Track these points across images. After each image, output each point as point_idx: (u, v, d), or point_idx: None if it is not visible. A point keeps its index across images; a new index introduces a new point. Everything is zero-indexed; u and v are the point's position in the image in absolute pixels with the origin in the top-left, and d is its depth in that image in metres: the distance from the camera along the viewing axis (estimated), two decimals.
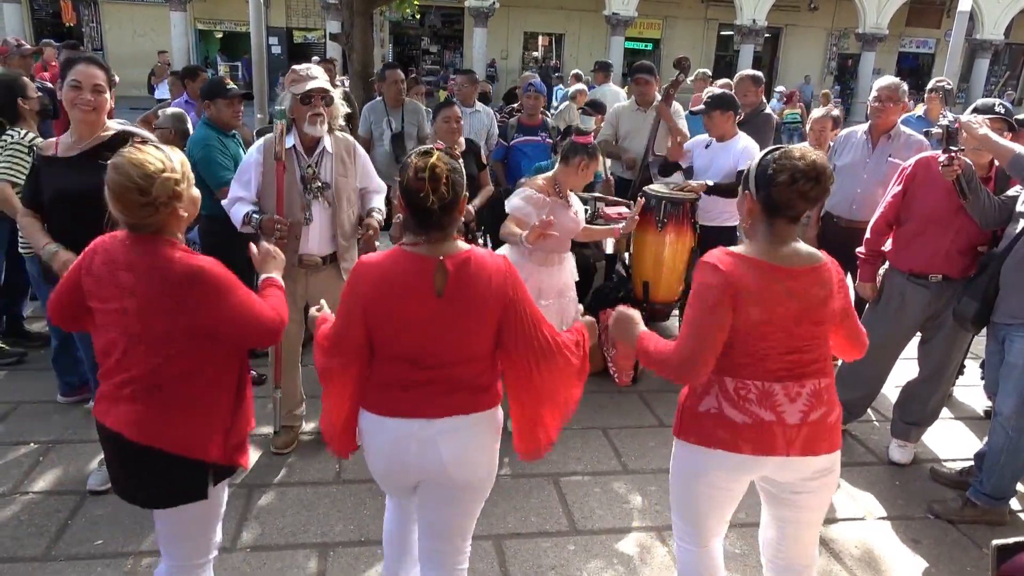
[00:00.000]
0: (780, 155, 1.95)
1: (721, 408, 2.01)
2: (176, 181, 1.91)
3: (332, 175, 3.31)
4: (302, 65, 3.33)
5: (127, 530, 2.93)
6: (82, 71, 2.86)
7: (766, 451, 1.99)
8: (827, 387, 2.04)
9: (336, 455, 2.36)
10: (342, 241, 3.39)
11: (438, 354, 1.97)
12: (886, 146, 4.19)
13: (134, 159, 1.87)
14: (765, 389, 1.98)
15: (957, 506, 3.29)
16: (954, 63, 8.15)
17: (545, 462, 3.59)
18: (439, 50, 26.88)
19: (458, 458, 2.02)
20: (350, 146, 3.42)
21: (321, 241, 3.34)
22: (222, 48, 24.56)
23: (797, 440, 1.99)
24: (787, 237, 2.00)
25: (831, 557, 3.02)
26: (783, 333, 1.96)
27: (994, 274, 3.15)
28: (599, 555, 2.96)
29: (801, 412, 1.98)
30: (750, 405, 1.98)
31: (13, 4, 20.89)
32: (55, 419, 3.76)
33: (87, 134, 2.95)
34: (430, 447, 2.01)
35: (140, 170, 1.85)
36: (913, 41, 28.10)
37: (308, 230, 3.30)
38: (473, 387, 2.03)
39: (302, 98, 3.20)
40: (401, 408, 2.02)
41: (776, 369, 1.98)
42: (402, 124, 5.63)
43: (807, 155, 1.93)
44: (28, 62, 5.76)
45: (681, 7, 26.08)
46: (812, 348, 2.00)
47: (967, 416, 4.33)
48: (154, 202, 1.86)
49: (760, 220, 2.01)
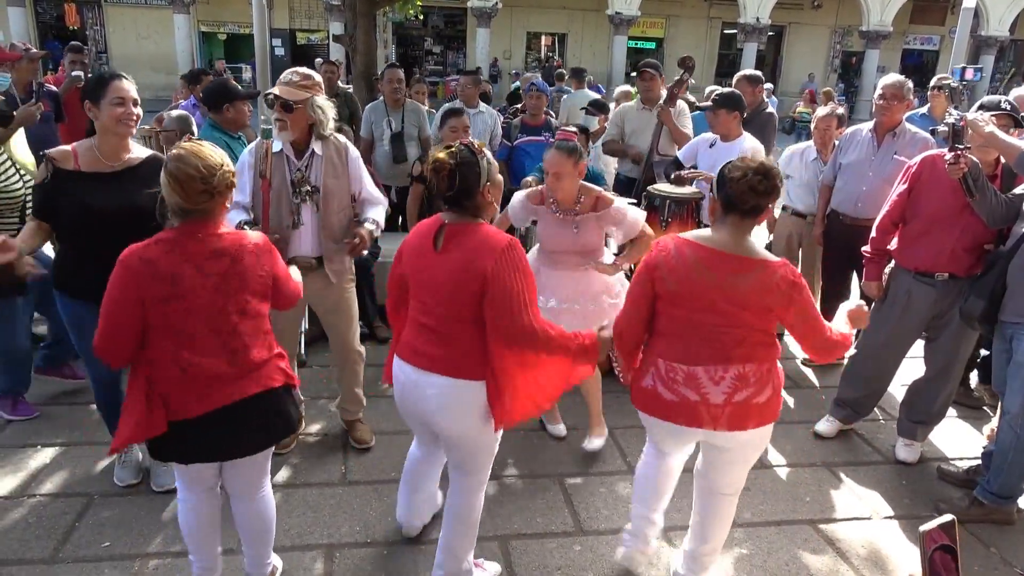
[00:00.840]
0: (737, 160, 2.31)
1: (655, 386, 2.39)
2: (233, 174, 2.24)
3: (320, 178, 3.27)
4: (293, 69, 3.31)
5: (134, 532, 2.94)
6: (124, 87, 2.83)
7: (695, 424, 2.35)
8: (755, 371, 2.31)
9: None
10: (330, 243, 3.34)
11: (435, 301, 2.36)
12: (891, 144, 4.18)
13: (196, 151, 2.15)
14: (690, 372, 2.32)
15: (964, 505, 3.28)
16: (959, 60, 8.13)
17: (550, 462, 3.60)
18: (442, 50, 26.91)
19: (443, 413, 2.40)
20: (342, 149, 3.35)
21: (313, 243, 3.32)
22: (226, 50, 24.62)
23: (723, 417, 2.31)
24: (739, 230, 2.31)
25: (837, 556, 3.01)
26: (699, 304, 2.29)
27: (1001, 273, 3.13)
28: (605, 555, 2.95)
29: (725, 394, 2.30)
30: (678, 386, 2.34)
31: (18, 8, 20.97)
32: (62, 422, 3.77)
33: (122, 149, 2.91)
34: (420, 395, 2.42)
35: (204, 161, 2.12)
36: (917, 38, 28.02)
37: (299, 233, 3.28)
38: (459, 351, 2.34)
39: (268, 102, 3.20)
40: (405, 351, 2.47)
41: (700, 352, 2.31)
42: (402, 124, 5.64)
43: (759, 160, 2.31)
44: (35, 66, 5.76)
45: (684, 6, 26.05)
46: (733, 331, 2.29)
47: (974, 415, 4.31)
48: (212, 190, 2.13)
49: (719, 216, 2.35)
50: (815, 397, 4.46)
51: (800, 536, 3.13)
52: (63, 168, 2.83)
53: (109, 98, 2.80)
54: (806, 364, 4.92)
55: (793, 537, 3.12)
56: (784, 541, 3.09)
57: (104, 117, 2.82)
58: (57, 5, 22.78)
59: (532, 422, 3.91)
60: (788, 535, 3.13)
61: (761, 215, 2.31)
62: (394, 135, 5.60)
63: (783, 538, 3.11)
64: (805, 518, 3.25)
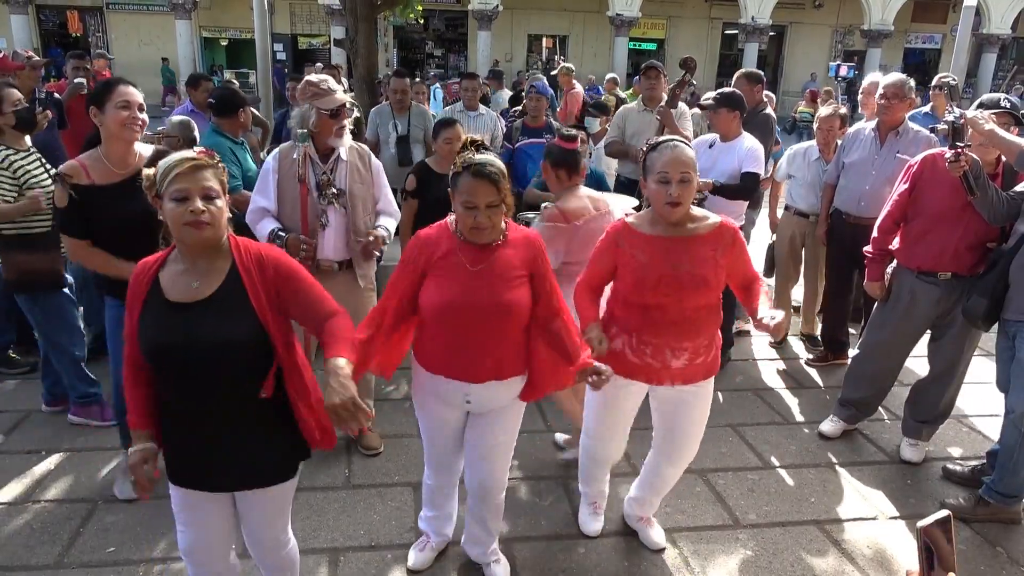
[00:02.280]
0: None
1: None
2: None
3: (347, 181, 3.33)
4: (316, 76, 3.33)
5: (138, 538, 2.94)
6: (129, 92, 2.83)
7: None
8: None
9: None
10: (358, 248, 3.38)
11: None
12: (894, 143, 4.18)
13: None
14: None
15: (970, 504, 3.27)
16: (961, 58, 8.11)
17: (554, 465, 3.59)
18: (443, 53, 26.93)
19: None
20: (365, 155, 3.46)
21: (336, 247, 3.36)
22: (228, 56, 24.68)
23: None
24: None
25: (843, 557, 3.00)
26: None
27: (1004, 271, 3.12)
28: (609, 558, 2.95)
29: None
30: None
31: (20, 15, 21.05)
32: (66, 428, 3.78)
33: (129, 154, 2.90)
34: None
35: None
36: (919, 37, 27.96)
37: (324, 235, 3.32)
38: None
39: (331, 113, 3.22)
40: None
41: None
42: (408, 128, 5.66)
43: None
44: (38, 74, 5.79)
45: (685, 7, 26.04)
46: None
47: (979, 414, 4.29)
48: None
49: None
50: (819, 397, 4.45)
51: (805, 537, 3.12)
52: (80, 184, 2.81)
53: (114, 102, 2.80)
54: (810, 364, 4.91)
55: (799, 538, 3.11)
56: (789, 542, 3.08)
57: (109, 122, 2.82)
58: (59, 12, 22.86)
59: (535, 424, 3.91)
60: (793, 536, 3.12)
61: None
62: (400, 138, 5.63)
63: (788, 539, 3.10)
64: (810, 519, 3.25)
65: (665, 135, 2.79)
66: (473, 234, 2.29)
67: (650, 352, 2.58)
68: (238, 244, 2.01)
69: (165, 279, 1.96)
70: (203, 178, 1.90)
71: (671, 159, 2.41)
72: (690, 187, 2.43)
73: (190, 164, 1.89)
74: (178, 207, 1.86)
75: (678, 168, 2.41)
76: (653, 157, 2.47)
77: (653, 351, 2.58)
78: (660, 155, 2.44)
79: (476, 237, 2.30)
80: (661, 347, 2.57)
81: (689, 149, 2.47)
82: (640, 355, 2.60)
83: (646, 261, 2.50)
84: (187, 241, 1.91)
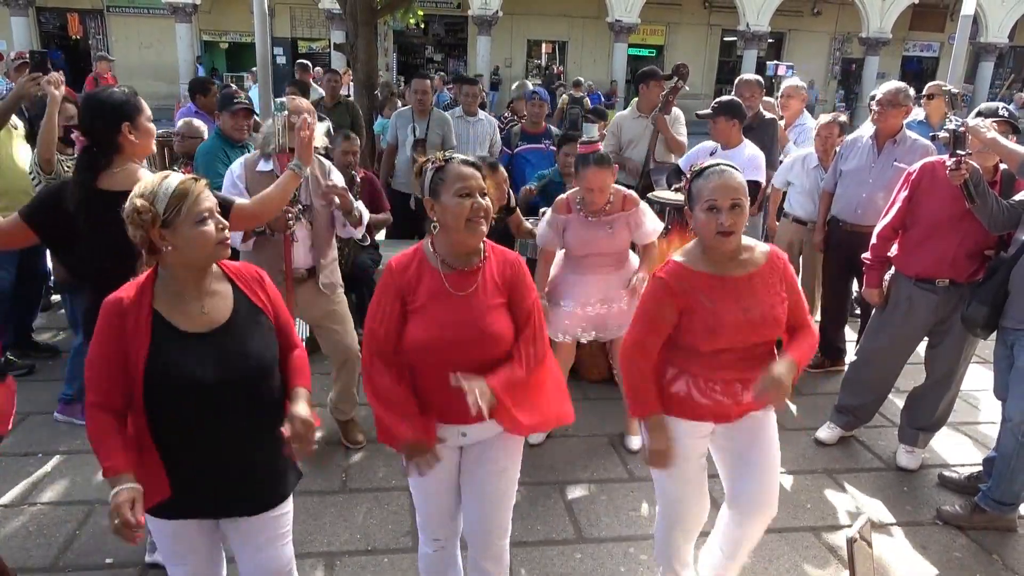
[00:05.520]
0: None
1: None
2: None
3: (310, 196, 3.38)
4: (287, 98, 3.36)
5: None
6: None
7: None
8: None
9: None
10: (320, 257, 3.47)
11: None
12: (892, 151, 4.19)
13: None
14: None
15: (966, 512, 3.27)
16: (958, 66, 8.12)
17: (551, 470, 3.59)
18: (443, 58, 26.97)
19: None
20: (324, 169, 3.47)
21: (304, 255, 3.44)
22: (228, 60, 24.70)
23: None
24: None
25: (839, 564, 3.00)
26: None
27: (1004, 279, 3.14)
28: (606, 563, 2.95)
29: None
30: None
31: (21, 17, 21.06)
32: (63, 430, 3.78)
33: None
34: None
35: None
36: (917, 45, 28.07)
37: (294, 247, 3.37)
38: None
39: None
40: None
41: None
42: (426, 132, 5.64)
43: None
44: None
45: (684, 13, 26.12)
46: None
47: (976, 421, 4.30)
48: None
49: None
50: (816, 404, 4.46)
51: (802, 544, 3.12)
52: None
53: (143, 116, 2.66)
54: (807, 370, 4.91)
55: (795, 544, 3.11)
56: (786, 548, 3.08)
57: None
58: (60, 14, 22.87)
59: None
60: (790, 542, 3.12)
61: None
62: (417, 141, 5.60)
63: (785, 545, 3.10)
64: (806, 525, 3.25)
65: (661, 140, 2.77)
66: (469, 227, 2.05)
67: (720, 389, 2.30)
68: (224, 263, 1.98)
69: (163, 309, 1.84)
70: (209, 196, 1.88)
71: (719, 185, 2.19)
72: (743, 214, 2.19)
73: (202, 183, 1.86)
74: (206, 227, 1.81)
75: (728, 194, 2.18)
76: (699, 184, 2.24)
77: (724, 388, 2.30)
78: (707, 181, 2.21)
79: (472, 231, 2.06)
80: (731, 382, 2.30)
81: (739, 174, 2.25)
82: (709, 394, 2.31)
83: (715, 306, 2.22)
84: (215, 259, 1.90)
